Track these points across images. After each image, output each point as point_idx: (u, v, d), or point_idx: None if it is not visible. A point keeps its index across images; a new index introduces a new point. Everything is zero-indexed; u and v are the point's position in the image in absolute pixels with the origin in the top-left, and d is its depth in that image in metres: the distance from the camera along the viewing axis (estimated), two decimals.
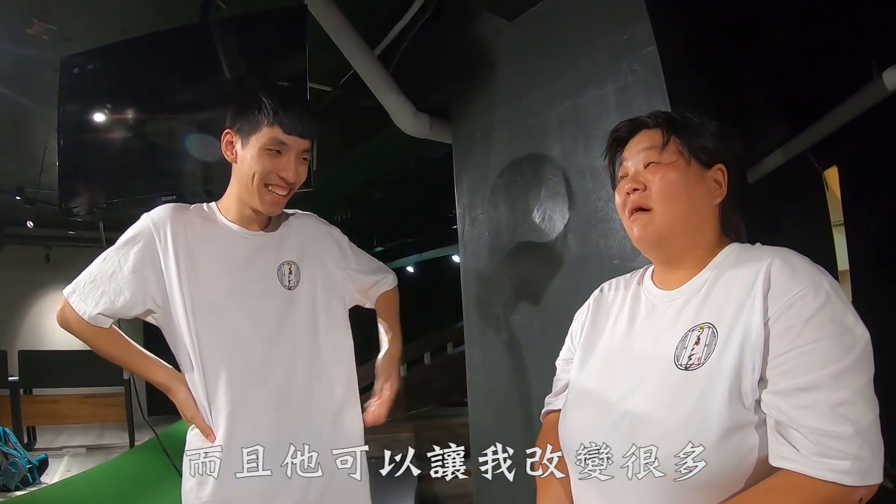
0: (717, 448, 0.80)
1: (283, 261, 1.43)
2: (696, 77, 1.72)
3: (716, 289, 0.92)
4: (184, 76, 2.62)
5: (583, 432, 0.96)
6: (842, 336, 0.79)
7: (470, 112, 2.08)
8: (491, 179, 1.97)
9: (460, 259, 2.07)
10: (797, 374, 0.79)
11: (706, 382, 0.84)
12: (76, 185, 2.71)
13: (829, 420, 0.76)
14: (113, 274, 1.32)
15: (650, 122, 1.03)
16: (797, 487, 0.77)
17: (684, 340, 0.90)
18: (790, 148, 3.67)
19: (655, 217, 0.96)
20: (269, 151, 1.32)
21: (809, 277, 0.83)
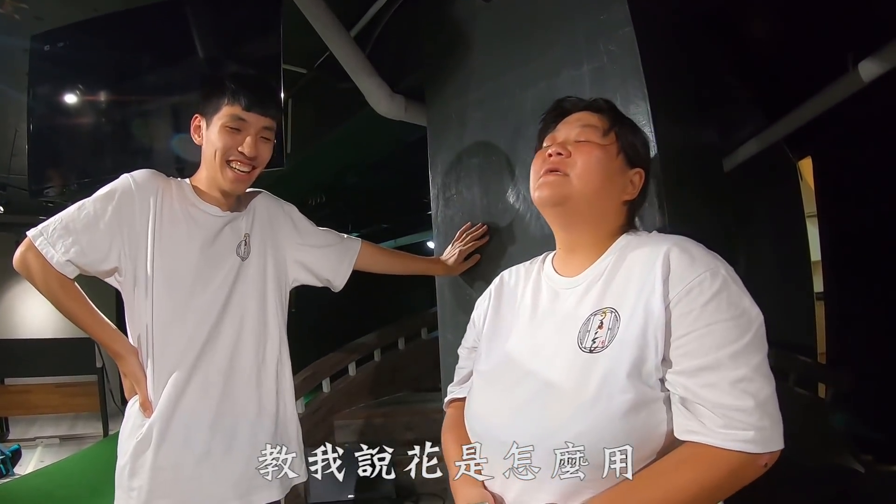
0: (624, 425, 0.84)
1: (242, 235, 1.47)
2: (672, 60, 1.71)
3: (617, 275, 0.96)
4: (156, 55, 2.59)
5: (490, 417, 0.99)
6: (738, 318, 0.85)
7: (445, 93, 2.06)
8: (465, 160, 1.95)
9: (434, 240, 2.06)
10: (698, 354, 0.84)
11: (610, 363, 0.88)
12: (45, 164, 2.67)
13: (731, 395, 0.82)
14: (88, 224, 1.31)
15: (601, 104, 1.07)
16: (705, 457, 0.82)
17: (587, 324, 0.94)
18: (765, 137, 3.71)
19: (570, 182, 1.00)
20: (228, 129, 1.36)
21: (706, 263, 0.88)
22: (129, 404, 1.38)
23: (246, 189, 1.46)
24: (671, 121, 1.54)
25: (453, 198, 1.99)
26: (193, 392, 1.34)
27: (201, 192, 1.44)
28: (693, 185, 1.63)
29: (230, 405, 1.38)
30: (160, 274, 1.34)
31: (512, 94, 1.81)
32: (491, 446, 0.97)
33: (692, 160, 1.68)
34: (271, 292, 1.49)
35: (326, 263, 1.61)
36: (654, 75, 1.51)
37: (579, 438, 0.85)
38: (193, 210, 1.42)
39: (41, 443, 6.63)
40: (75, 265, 1.30)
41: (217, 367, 1.37)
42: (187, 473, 1.31)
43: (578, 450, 0.85)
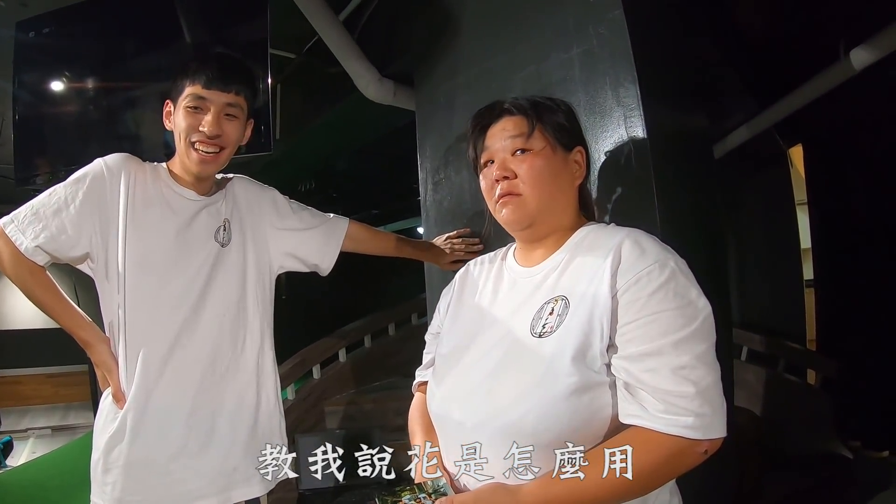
0: (567, 407, 0.87)
1: (220, 222, 1.43)
2: (663, 44, 1.70)
3: (571, 266, 1.00)
4: (142, 40, 2.57)
5: (447, 399, 1.03)
6: (684, 308, 0.87)
7: (433, 76, 2.04)
8: (453, 144, 1.93)
9: (423, 224, 2.05)
10: (642, 341, 0.87)
11: (556, 347, 0.91)
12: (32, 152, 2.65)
13: (672, 381, 0.84)
14: (58, 210, 1.28)
15: (513, 108, 1.08)
16: (646, 441, 0.84)
17: (540, 312, 0.97)
18: (755, 124, 3.70)
19: (526, 202, 1.03)
20: (189, 109, 1.32)
21: (656, 256, 0.91)
22: (102, 396, 1.35)
23: (215, 171, 1.42)
24: (661, 104, 1.53)
25: (442, 182, 1.98)
26: (168, 384, 1.31)
27: (177, 177, 1.41)
28: (683, 169, 1.62)
29: (207, 398, 1.34)
30: (133, 259, 1.31)
31: (501, 78, 1.79)
32: (448, 427, 1.01)
33: (682, 144, 1.68)
34: (252, 280, 1.45)
35: (311, 246, 1.57)
36: (645, 58, 1.50)
37: (524, 418, 0.89)
38: (168, 193, 1.38)
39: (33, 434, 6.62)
40: (45, 252, 1.28)
41: (193, 358, 1.34)
42: (162, 469, 1.29)
43: (524, 429, 0.88)
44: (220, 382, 1.37)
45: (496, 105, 1.11)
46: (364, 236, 1.67)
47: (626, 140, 1.48)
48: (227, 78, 1.34)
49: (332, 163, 4.93)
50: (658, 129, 1.47)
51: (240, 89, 1.36)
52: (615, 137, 1.50)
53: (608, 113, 1.52)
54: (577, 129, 1.12)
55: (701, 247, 1.64)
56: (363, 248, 1.67)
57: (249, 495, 1.39)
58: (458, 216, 1.91)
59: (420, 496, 0.95)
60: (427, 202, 2.03)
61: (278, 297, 1.58)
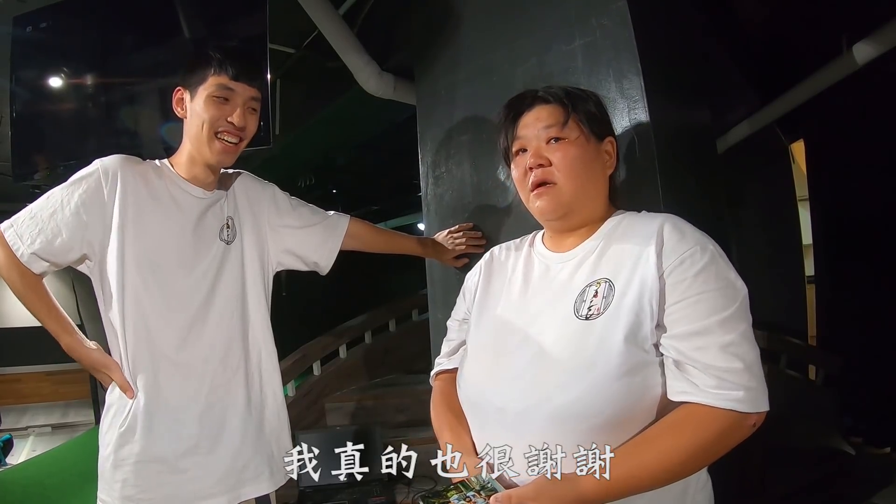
0: (620, 387, 0.89)
1: (225, 218, 1.43)
2: (666, 35, 1.68)
3: (610, 250, 1.02)
4: (139, 35, 2.55)
5: (485, 383, 1.03)
6: (725, 289, 0.91)
7: (434, 70, 2.02)
8: (454, 138, 1.92)
9: (424, 219, 2.03)
10: (690, 320, 0.89)
11: (607, 328, 0.92)
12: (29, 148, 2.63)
13: (722, 358, 0.87)
14: (53, 213, 1.27)
15: (548, 97, 1.09)
16: (699, 418, 0.86)
17: (583, 294, 0.98)
18: (757, 119, 3.69)
19: (561, 191, 1.04)
20: (216, 99, 1.32)
21: (696, 239, 0.94)
22: (108, 391, 1.35)
23: (232, 162, 1.41)
24: (665, 96, 1.51)
25: (443, 175, 1.96)
26: (178, 382, 1.31)
27: (182, 171, 1.39)
28: (687, 161, 1.61)
29: (219, 396, 1.34)
30: (139, 258, 1.30)
31: (502, 71, 1.78)
32: (485, 411, 1.01)
33: (686, 137, 1.66)
34: (253, 278, 1.45)
35: (311, 244, 1.55)
36: (648, 50, 1.49)
37: (578, 400, 0.90)
38: (175, 190, 1.37)
39: (33, 432, 6.62)
40: (42, 258, 1.27)
41: (204, 356, 1.33)
42: (172, 466, 1.28)
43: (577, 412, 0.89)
44: (231, 380, 1.37)
45: (528, 93, 1.12)
46: (365, 234, 1.65)
47: (631, 132, 1.46)
48: (253, 72, 1.36)
49: (332, 158, 4.92)
50: (662, 122, 1.46)
51: (261, 84, 1.39)
52: (619, 129, 1.48)
53: (612, 105, 1.50)
54: (607, 118, 1.14)
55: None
56: (364, 245, 1.66)
57: (259, 492, 1.39)
58: (459, 210, 1.90)
59: (468, 494, 0.92)
60: (428, 196, 2.01)
61: (279, 293, 1.57)
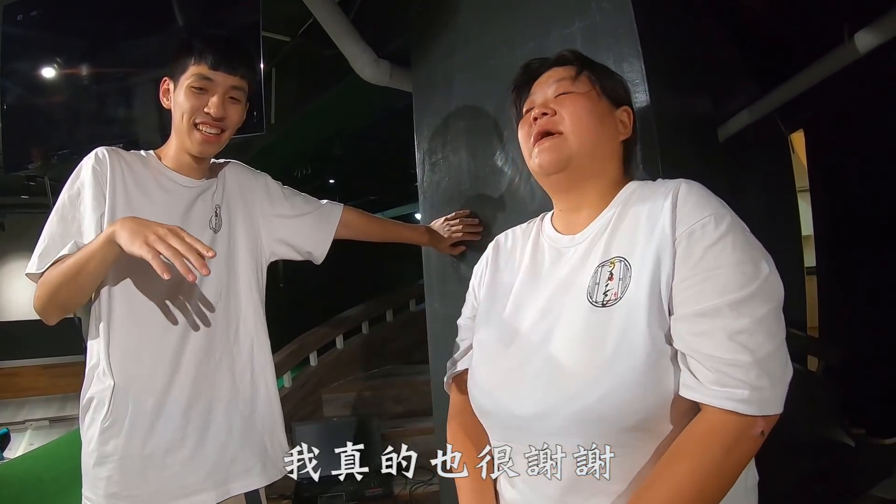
0: (651, 379, 0.78)
1: (213, 207, 1.40)
2: (667, 19, 1.66)
3: (623, 224, 0.90)
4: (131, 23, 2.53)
5: (497, 388, 0.92)
6: (743, 265, 0.78)
7: (430, 55, 1.99)
8: (451, 124, 1.89)
9: (420, 207, 2.01)
10: (696, 300, 0.77)
11: (627, 314, 0.81)
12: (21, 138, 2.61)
13: (727, 348, 0.75)
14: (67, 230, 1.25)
15: (565, 55, 1.02)
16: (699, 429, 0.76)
17: (595, 277, 0.87)
18: (757, 108, 3.66)
19: (566, 141, 0.94)
20: (194, 89, 1.30)
21: (713, 207, 0.82)
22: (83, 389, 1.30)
23: (215, 152, 1.39)
24: (666, 81, 1.49)
25: (439, 162, 1.93)
26: (164, 375, 1.27)
27: (170, 160, 1.37)
28: (688, 145, 1.59)
29: (204, 388, 1.31)
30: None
31: (500, 55, 1.75)
32: (501, 419, 0.91)
33: (687, 121, 1.64)
34: (244, 268, 1.42)
35: (304, 234, 1.52)
36: (649, 33, 1.46)
37: (601, 401, 0.79)
38: (163, 180, 1.35)
39: (31, 425, 6.61)
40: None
41: (190, 348, 1.30)
42: (158, 462, 1.25)
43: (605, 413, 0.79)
44: (215, 372, 1.33)
45: (546, 58, 1.05)
46: (359, 222, 1.63)
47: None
48: (234, 60, 1.32)
49: (328, 147, 4.89)
50: (664, 107, 1.43)
51: (244, 72, 1.35)
52: None
53: None
54: (627, 94, 1.04)
55: None
56: (359, 234, 1.63)
57: (249, 487, 1.35)
58: (456, 197, 1.87)
59: None
60: (424, 184, 1.99)
61: (276, 284, 1.54)
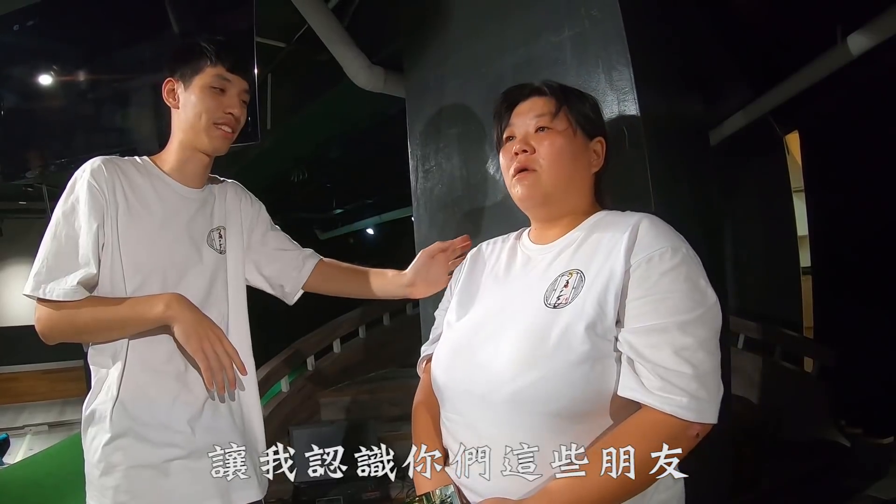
0: (580, 374, 0.89)
1: (214, 225, 1.41)
2: (657, 26, 1.67)
3: (587, 242, 1.03)
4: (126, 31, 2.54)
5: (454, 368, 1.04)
6: (692, 292, 0.90)
7: (423, 62, 2.00)
8: (444, 130, 1.90)
9: (414, 212, 2.02)
10: (649, 317, 0.89)
11: (570, 318, 0.92)
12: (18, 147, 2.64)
13: (673, 360, 0.86)
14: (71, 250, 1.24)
15: (545, 88, 1.11)
16: (643, 427, 0.86)
17: (554, 284, 1.00)
18: (751, 110, 3.68)
19: (542, 178, 1.05)
20: (213, 90, 1.33)
21: (670, 239, 0.94)
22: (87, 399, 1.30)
23: (227, 150, 1.39)
24: (655, 89, 1.50)
25: (432, 169, 1.95)
26: (171, 391, 1.28)
27: (168, 167, 1.37)
28: (678, 154, 1.60)
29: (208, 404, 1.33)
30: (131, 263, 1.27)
31: (490, 61, 1.76)
32: (452, 393, 1.03)
33: (677, 129, 1.65)
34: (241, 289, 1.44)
35: (283, 268, 1.52)
36: (638, 41, 1.47)
37: (537, 383, 0.90)
38: (162, 188, 1.34)
39: (30, 431, 6.60)
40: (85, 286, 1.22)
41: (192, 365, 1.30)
42: (165, 471, 1.26)
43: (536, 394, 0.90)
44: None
45: (527, 85, 1.14)
46: (336, 273, 1.58)
47: (621, 125, 1.45)
48: (247, 65, 1.38)
49: (324, 152, 4.87)
50: (653, 114, 1.45)
51: (252, 77, 1.43)
52: (609, 122, 1.46)
53: (601, 97, 1.48)
54: (601, 121, 1.15)
55: (697, 233, 1.61)
56: (333, 286, 1.58)
57: (249, 499, 1.36)
58: (449, 205, 1.88)
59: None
60: (418, 191, 2.00)
61: None
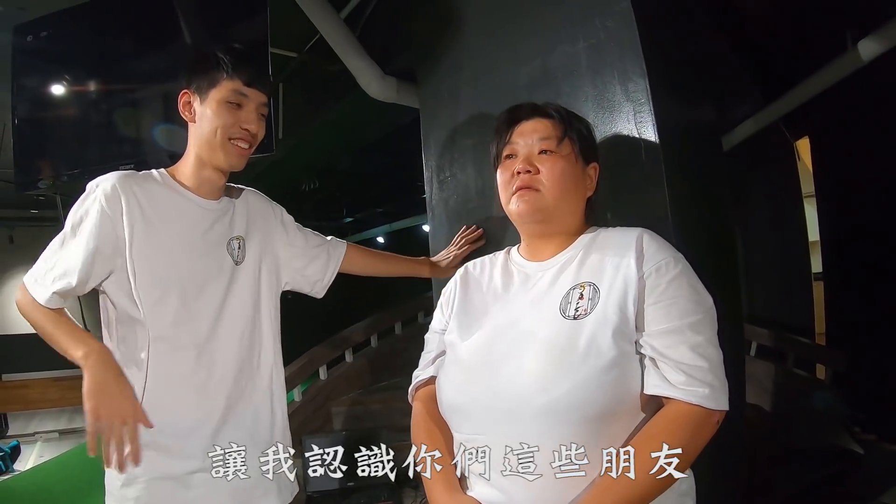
0: (610, 378, 0.96)
1: (233, 235, 1.41)
2: (671, 36, 1.67)
3: (590, 257, 1.11)
4: (140, 42, 2.54)
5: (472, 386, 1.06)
6: (694, 296, 1.02)
7: (437, 72, 2.01)
8: (459, 141, 1.91)
9: (429, 224, 2.02)
10: (664, 320, 1.00)
11: (595, 327, 1.00)
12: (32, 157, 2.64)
13: (690, 356, 0.96)
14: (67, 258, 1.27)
15: (552, 112, 1.16)
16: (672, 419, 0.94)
17: (568, 297, 1.06)
18: (762, 117, 3.67)
19: (544, 198, 1.11)
20: (229, 104, 1.32)
21: (670, 251, 1.06)
22: None
23: (244, 165, 1.40)
24: (670, 98, 1.50)
25: (447, 180, 1.95)
26: (191, 401, 1.30)
27: (186, 179, 1.37)
28: (693, 163, 1.60)
29: (230, 415, 1.33)
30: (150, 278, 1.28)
31: (505, 72, 1.77)
32: (470, 411, 1.05)
33: (691, 138, 1.65)
34: (266, 298, 1.44)
35: (316, 266, 1.57)
36: (653, 51, 1.47)
37: (570, 393, 0.95)
38: (181, 202, 1.35)
39: (41, 438, 6.63)
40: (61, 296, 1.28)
41: (218, 377, 1.33)
42: (185, 483, 1.27)
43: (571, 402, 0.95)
44: (239, 399, 1.36)
45: (528, 104, 1.19)
46: (361, 258, 1.68)
47: (636, 135, 1.45)
48: (264, 78, 1.37)
49: (335, 161, 4.91)
50: (668, 124, 1.45)
51: (269, 90, 1.40)
52: (625, 133, 1.47)
53: (617, 108, 1.49)
54: (595, 146, 1.22)
55: (712, 241, 1.62)
56: (360, 269, 1.68)
57: None
58: (463, 214, 1.89)
59: None
60: (433, 201, 2.00)
61: (284, 297, 1.56)
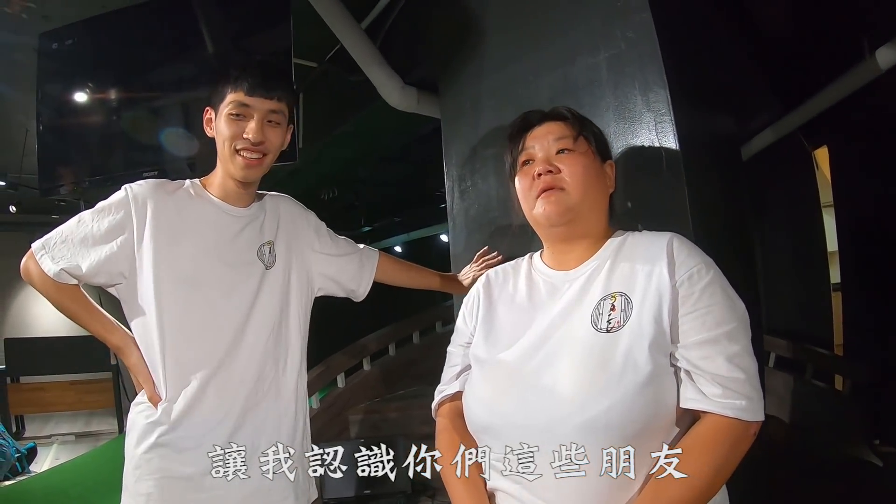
0: (650, 394, 0.92)
1: (264, 241, 1.43)
2: (691, 46, 1.68)
3: (619, 266, 1.05)
4: (164, 51, 2.58)
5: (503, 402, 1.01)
6: (728, 302, 0.96)
7: (458, 83, 2.03)
8: (479, 151, 1.92)
9: (449, 233, 2.03)
10: (699, 331, 0.94)
11: (631, 340, 0.95)
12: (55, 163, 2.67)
13: (727, 367, 0.92)
14: (84, 239, 1.30)
15: (564, 113, 1.13)
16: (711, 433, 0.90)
17: (598, 308, 1.01)
18: (781, 126, 3.66)
19: (569, 196, 1.07)
20: (232, 116, 1.33)
21: (701, 256, 1.00)
22: (133, 404, 1.34)
23: (259, 176, 1.41)
24: (691, 107, 1.51)
25: (469, 189, 1.97)
26: (211, 403, 1.31)
27: (215, 189, 1.40)
28: (713, 173, 1.60)
29: (250, 417, 1.34)
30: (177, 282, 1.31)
31: (526, 83, 1.78)
32: (503, 430, 1.00)
33: (712, 148, 1.65)
34: (295, 302, 1.45)
35: (348, 272, 1.58)
36: (674, 61, 1.48)
37: (610, 410, 0.91)
38: (210, 211, 1.38)
39: (57, 440, 6.67)
40: (70, 275, 1.30)
41: (239, 378, 1.34)
42: (199, 484, 1.28)
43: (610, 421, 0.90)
44: (262, 402, 1.36)
45: (537, 110, 1.16)
46: (392, 267, 1.68)
47: (657, 145, 1.46)
48: (270, 84, 1.34)
49: (354, 171, 4.95)
50: (689, 134, 1.45)
51: (282, 95, 1.36)
52: (646, 143, 1.48)
53: (638, 118, 1.50)
54: (608, 144, 1.19)
55: (732, 251, 1.62)
56: (390, 279, 1.68)
57: None
58: (485, 224, 1.90)
59: None
60: (454, 210, 2.02)
61: None
